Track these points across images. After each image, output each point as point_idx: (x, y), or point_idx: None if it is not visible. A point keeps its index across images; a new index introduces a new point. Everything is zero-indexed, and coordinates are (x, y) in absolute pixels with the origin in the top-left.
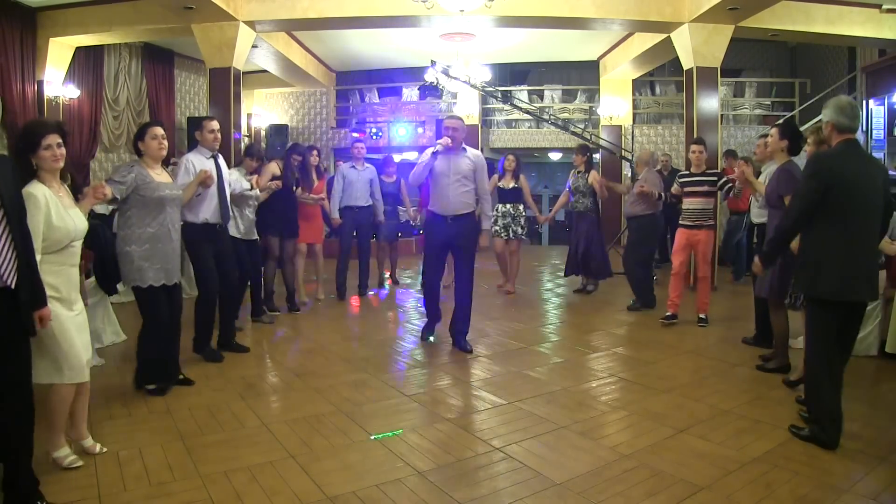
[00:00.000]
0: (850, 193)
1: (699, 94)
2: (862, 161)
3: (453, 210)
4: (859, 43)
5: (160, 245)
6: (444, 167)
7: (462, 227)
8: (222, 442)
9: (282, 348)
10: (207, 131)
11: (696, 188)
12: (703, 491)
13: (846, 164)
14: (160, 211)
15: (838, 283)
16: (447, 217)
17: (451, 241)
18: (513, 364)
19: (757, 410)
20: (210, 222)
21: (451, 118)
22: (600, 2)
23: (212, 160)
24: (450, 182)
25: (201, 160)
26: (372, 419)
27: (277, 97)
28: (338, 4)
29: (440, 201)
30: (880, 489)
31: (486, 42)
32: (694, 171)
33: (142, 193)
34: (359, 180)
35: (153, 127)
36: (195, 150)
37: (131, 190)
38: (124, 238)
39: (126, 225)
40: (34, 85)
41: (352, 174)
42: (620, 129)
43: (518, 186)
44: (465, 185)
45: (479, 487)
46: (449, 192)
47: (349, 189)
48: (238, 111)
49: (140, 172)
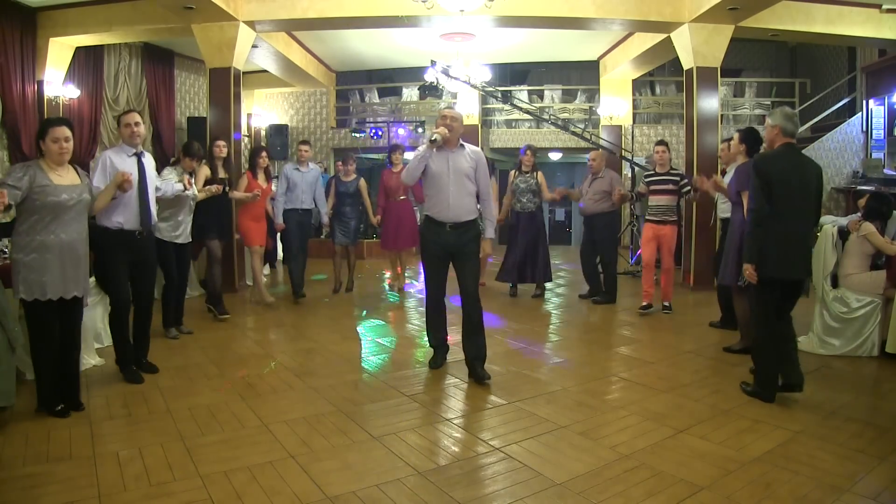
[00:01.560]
0: (786, 188)
1: (699, 94)
2: (798, 161)
3: (454, 217)
4: (859, 43)
5: (50, 255)
6: (442, 165)
7: (463, 236)
8: (222, 442)
9: (282, 348)
10: (123, 125)
11: (661, 186)
12: (703, 491)
13: (784, 164)
14: (54, 218)
15: (778, 265)
16: (446, 224)
17: (451, 252)
18: (513, 364)
19: (757, 410)
20: (126, 229)
21: (450, 108)
22: (600, 2)
23: (135, 159)
24: (449, 182)
25: (122, 158)
26: (372, 419)
27: (277, 97)
28: (338, 4)
29: (437, 206)
30: (880, 489)
31: (486, 42)
32: (659, 171)
33: (35, 197)
34: (303, 182)
35: (56, 127)
36: (116, 147)
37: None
38: (14, 244)
39: (17, 230)
40: (34, 85)
41: (295, 176)
42: (620, 129)
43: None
44: (466, 186)
45: (479, 487)
46: (448, 195)
47: (293, 191)
48: (238, 111)
49: (35, 174)
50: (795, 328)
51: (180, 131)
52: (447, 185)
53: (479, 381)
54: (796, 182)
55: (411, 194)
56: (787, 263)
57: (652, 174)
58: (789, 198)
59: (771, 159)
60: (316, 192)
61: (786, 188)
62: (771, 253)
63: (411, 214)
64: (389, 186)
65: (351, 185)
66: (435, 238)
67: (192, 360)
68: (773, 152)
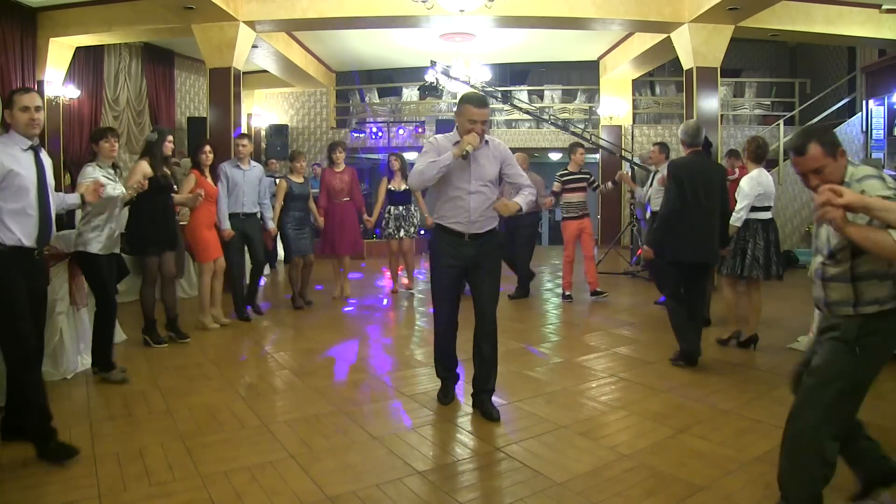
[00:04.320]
0: (692, 188)
1: (699, 94)
2: (704, 165)
3: (475, 228)
4: (859, 43)
5: None
6: (461, 171)
7: (484, 247)
8: (222, 442)
9: (282, 348)
10: (19, 108)
11: (577, 185)
12: (702, 491)
13: (691, 168)
14: None
15: (681, 250)
16: (464, 235)
17: (468, 267)
18: (513, 364)
19: (757, 410)
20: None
21: (481, 105)
22: (600, 2)
23: (31, 154)
24: (469, 188)
25: (12, 153)
26: (372, 419)
27: (277, 97)
28: (338, 4)
29: (455, 214)
30: (880, 489)
31: (486, 42)
32: (572, 171)
33: None
34: (245, 182)
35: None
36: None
37: None
38: None
39: None
40: (34, 85)
41: (236, 174)
42: (620, 129)
43: (408, 188)
44: (489, 192)
45: (479, 487)
46: (468, 202)
47: (234, 192)
48: (238, 111)
49: None
50: (795, 328)
51: (180, 131)
52: (467, 192)
53: (488, 418)
54: (701, 183)
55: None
56: (688, 249)
57: (566, 174)
58: (694, 196)
59: (680, 165)
60: (260, 193)
61: (691, 188)
62: (677, 240)
63: (354, 218)
64: (332, 187)
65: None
66: (450, 251)
67: (192, 360)
68: (682, 159)
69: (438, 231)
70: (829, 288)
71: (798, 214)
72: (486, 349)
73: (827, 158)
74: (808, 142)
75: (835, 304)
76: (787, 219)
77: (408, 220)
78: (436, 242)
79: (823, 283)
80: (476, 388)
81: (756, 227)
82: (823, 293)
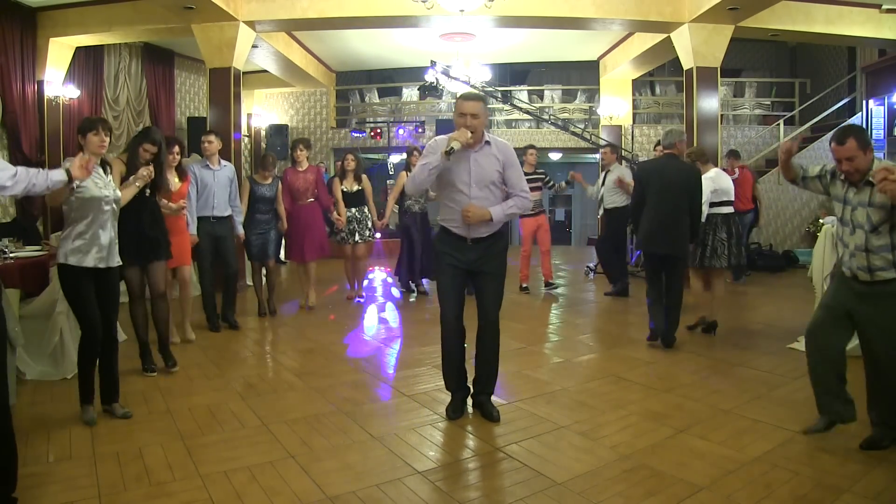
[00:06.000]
0: (659, 187)
1: (699, 94)
2: (674, 167)
3: (477, 232)
4: (859, 43)
5: None
6: (461, 172)
7: (488, 250)
8: (222, 442)
9: (282, 348)
10: None
11: (533, 184)
12: (702, 491)
13: (662, 169)
14: None
15: (645, 241)
16: (466, 239)
17: (471, 270)
18: (513, 364)
19: (757, 410)
20: None
21: (469, 98)
22: (600, 2)
23: None
24: (470, 191)
25: None
26: (372, 419)
27: (277, 97)
28: (338, 4)
29: (457, 217)
30: (880, 489)
31: (486, 42)
32: (526, 171)
33: None
34: (216, 183)
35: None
36: None
37: None
38: None
39: None
40: (34, 85)
41: (206, 175)
42: (620, 129)
43: (361, 188)
44: (492, 194)
45: (478, 487)
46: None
47: (203, 194)
48: (238, 111)
49: None
50: (795, 328)
51: (180, 131)
52: (468, 195)
53: (489, 419)
54: (668, 183)
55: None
56: (651, 240)
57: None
58: (660, 194)
59: (643, 166)
60: (231, 194)
61: (658, 187)
62: (647, 233)
63: (320, 220)
64: (295, 188)
65: (268, 188)
66: (453, 253)
67: (192, 360)
68: (649, 161)
69: (442, 234)
70: (872, 256)
71: (798, 214)
72: (488, 352)
73: (859, 151)
74: (848, 136)
75: (878, 269)
76: (787, 219)
77: (362, 222)
78: (439, 245)
79: (867, 253)
80: (476, 390)
81: (716, 221)
82: (867, 262)
